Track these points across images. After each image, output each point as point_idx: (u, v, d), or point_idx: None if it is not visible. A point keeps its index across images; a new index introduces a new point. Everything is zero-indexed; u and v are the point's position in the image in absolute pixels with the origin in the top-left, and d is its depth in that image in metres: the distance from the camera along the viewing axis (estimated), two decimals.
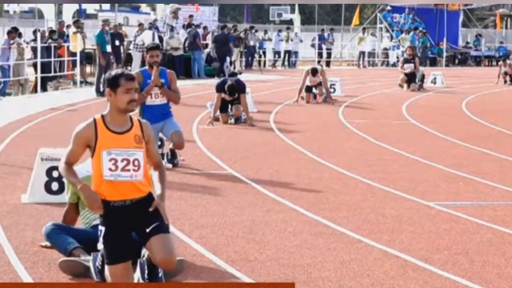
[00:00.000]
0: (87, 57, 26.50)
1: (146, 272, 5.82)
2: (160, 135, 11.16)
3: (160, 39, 28.75)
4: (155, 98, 10.81)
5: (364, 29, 42.02)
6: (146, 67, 10.94)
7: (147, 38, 27.28)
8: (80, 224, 6.96)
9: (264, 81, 28.37)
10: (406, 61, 25.65)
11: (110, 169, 5.62)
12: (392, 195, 9.61)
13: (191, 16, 33.24)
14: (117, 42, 26.95)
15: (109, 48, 22.28)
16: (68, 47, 25.04)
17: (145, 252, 5.89)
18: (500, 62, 31.50)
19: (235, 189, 9.77)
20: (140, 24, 28.57)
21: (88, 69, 27.71)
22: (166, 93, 10.82)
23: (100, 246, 5.67)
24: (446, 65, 42.42)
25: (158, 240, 5.65)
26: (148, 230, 5.67)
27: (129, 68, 28.13)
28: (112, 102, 5.74)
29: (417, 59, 26.19)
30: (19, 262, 6.54)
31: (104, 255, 5.72)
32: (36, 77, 22.78)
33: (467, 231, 7.92)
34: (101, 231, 5.68)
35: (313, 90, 20.58)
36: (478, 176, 10.92)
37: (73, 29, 25.31)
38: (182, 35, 29.42)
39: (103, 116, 5.76)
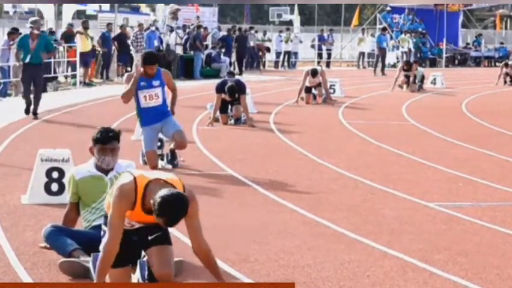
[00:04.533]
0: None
1: (146, 272, 5.82)
2: (160, 135, 11.14)
3: (160, 40, 28.83)
4: (150, 100, 10.66)
5: (364, 29, 42.00)
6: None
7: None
8: (80, 224, 6.96)
9: (264, 81, 28.38)
10: (404, 70, 25.63)
11: (124, 226, 5.55)
12: (392, 195, 9.62)
13: (198, 17, 33.54)
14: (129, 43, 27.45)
15: (27, 59, 16.05)
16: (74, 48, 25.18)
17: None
18: (502, 64, 31.45)
19: (235, 190, 9.77)
20: (140, 25, 28.63)
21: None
22: (174, 104, 11.04)
23: (101, 245, 5.62)
24: (446, 66, 42.42)
25: (158, 252, 5.62)
26: (150, 238, 5.65)
27: (129, 68, 28.18)
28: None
29: (414, 65, 26.12)
30: (19, 263, 6.54)
31: None
32: None
33: (467, 232, 7.93)
34: (104, 231, 5.67)
35: (313, 91, 20.58)
36: (478, 176, 10.92)
37: (80, 30, 25.40)
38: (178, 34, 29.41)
39: (148, 184, 5.37)
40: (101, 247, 5.60)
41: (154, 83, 10.67)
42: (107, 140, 6.79)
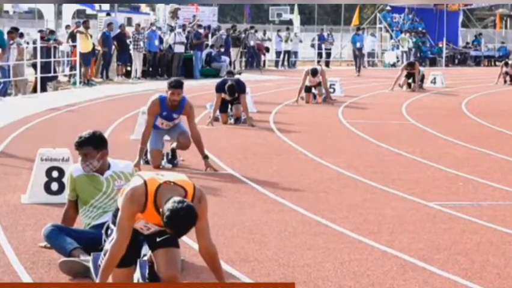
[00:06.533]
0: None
1: (146, 271, 5.82)
2: None
3: (160, 39, 28.85)
4: (166, 126, 10.95)
5: (364, 29, 42.00)
6: (166, 95, 10.68)
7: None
8: (80, 222, 6.95)
9: (264, 81, 28.38)
10: (406, 69, 25.53)
11: (141, 228, 5.54)
12: (392, 195, 9.61)
13: (194, 16, 33.61)
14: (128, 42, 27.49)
15: None
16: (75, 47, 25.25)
17: (145, 252, 5.89)
18: (502, 63, 31.46)
19: (235, 189, 9.77)
20: (137, 25, 28.71)
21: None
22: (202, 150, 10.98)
23: (108, 245, 5.57)
24: (446, 65, 42.44)
25: (166, 254, 5.59)
26: (158, 240, 5.62)
27: (129, 68, 28.19)
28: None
29: (416, 65, 26.05)
30: (19, 262, 6.54)
31: None
32: (36, 77, 22.79)
33: (467, 231, 7.93)
34: (111, 230, 5.64)
35: (313, 90, 20.59)
36: (478, 176, 10.92)
37: (81, 29, 25.43)
38: (178, 33, 29.39)
39: (159, 187, 5.33)
40: (107, 246, 5.59)
41: (175, 115, 10.90)
42: (77, 146, 6.87)
